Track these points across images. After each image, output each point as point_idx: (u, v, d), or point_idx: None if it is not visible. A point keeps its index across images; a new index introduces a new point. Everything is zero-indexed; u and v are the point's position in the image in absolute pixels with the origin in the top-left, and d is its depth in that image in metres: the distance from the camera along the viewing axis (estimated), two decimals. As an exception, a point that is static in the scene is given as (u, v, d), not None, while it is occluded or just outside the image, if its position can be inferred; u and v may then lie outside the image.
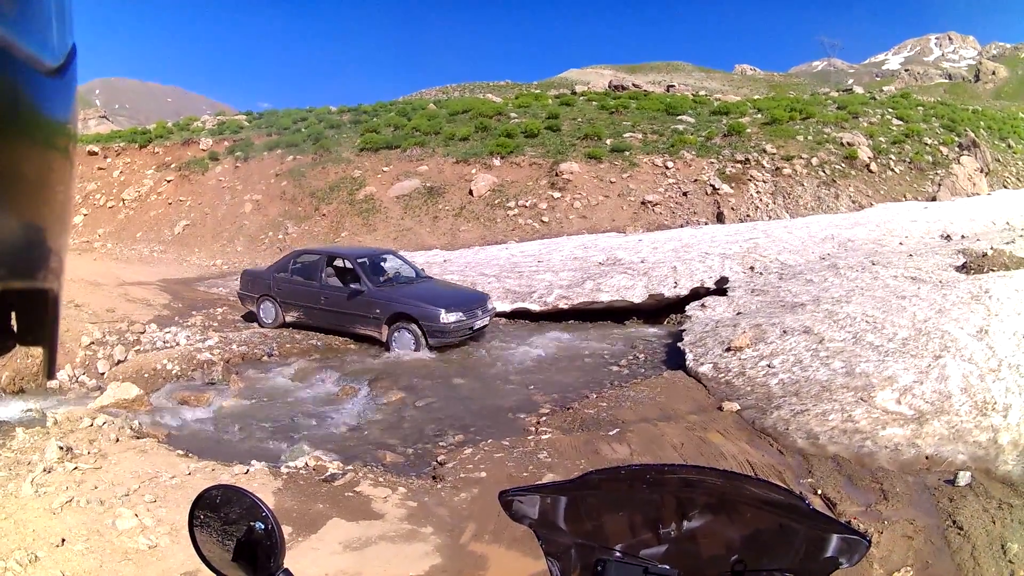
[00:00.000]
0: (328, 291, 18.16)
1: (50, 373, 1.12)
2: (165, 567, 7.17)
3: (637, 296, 20.42)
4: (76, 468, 9.52)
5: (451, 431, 12.23)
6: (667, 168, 37.34)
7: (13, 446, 10.36)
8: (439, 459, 10.74)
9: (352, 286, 17.82)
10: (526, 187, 36.27)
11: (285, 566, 2.06)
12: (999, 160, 48.67)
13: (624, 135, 40.95)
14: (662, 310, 20.54)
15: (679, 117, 45.02)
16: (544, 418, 12.47)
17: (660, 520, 2.13)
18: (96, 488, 8.92)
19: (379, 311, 17.25)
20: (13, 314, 0.98)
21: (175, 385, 14.58)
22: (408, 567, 7.46)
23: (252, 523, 2.09)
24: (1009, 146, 52.54)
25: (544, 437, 11.24)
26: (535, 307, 20.39)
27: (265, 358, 16.72)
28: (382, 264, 19.24)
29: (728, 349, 14.93)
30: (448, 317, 16.58)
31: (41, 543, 7.44)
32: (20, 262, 0.83)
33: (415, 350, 16.74)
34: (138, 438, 11.16)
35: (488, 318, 18.00)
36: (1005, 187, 45.55)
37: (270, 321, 19.03)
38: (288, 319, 18.89)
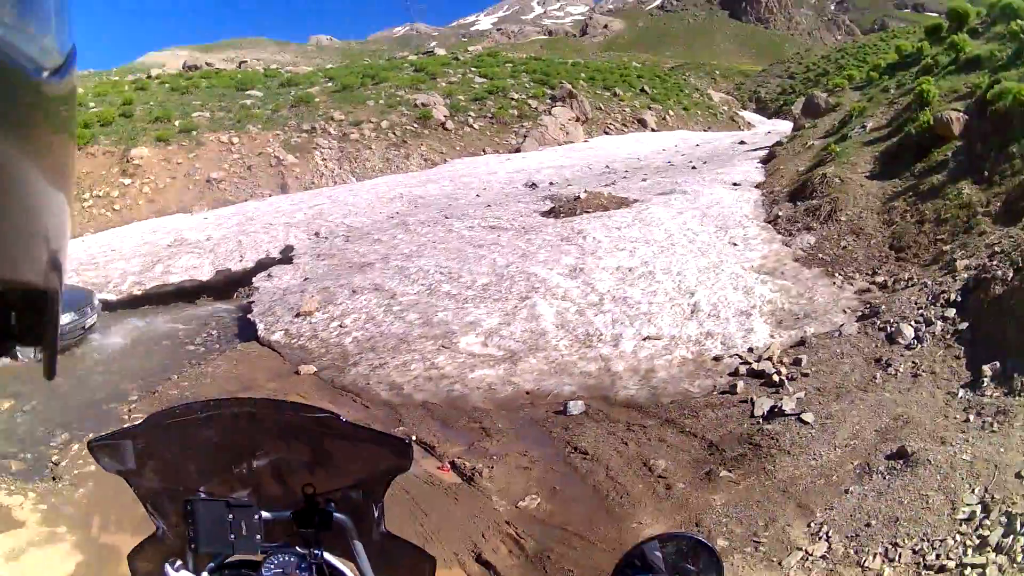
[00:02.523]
0: None
1: (50, 373, 1.12)
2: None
3: (205, 274, 20.81)
4: None
5: (58, 430, 12.12)
6: (233, 144, 37.66)
7: None
8: (53, 459, 10.92)
9: None
10: (99, 177, 35.07)
11: None
12: (601, 108, 51.23)
13: (193, 115, 40.79)
14: (231, 285, 20.68)
15: (248, 92, 45.57)
16: (134, 405, 12.75)
17: (232, 457, 2.30)
18: None
19: None
20: (13, 314, 0.98)
21: None
22: (59, 569, 7.67)
23: None
24: (615, 94, 55.03)
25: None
26: (113, 297, 20.06)
27: None
28: None
29: (298, 315, 15.38)
30: (61, 319, 15.25)
31: None
32: (20, 262, 0.82)
33: (31, 357, 15.38)
34: None
35: (96, 315, 17.04)
36: (607, 133, 47.99)
37: None
38: None
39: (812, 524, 7.32)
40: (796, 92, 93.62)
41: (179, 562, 2.10)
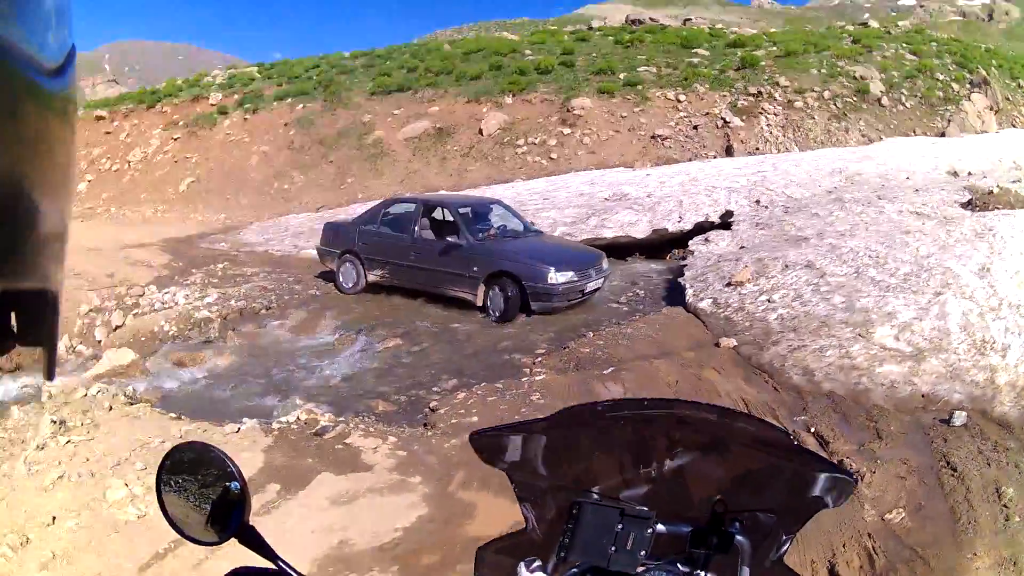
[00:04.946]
0: (420, 245, 15.97)
1: (50, 374, 1.12)
2: (154, 536, 6.99)
3: (640, 232, 20.38)
4: (69, 441, 9.36)
5: (445, 376, 12.03)
6: (679, 102, 37.05)
7: (8, 425, 10.15)
8: (431, 405, 10.58)
9: (448, 239, 15.59)
10: (536, 124, 35.94)
11: (250, 523, 2.00)
12: (1008, 99, 48.30)
13: (638, 69, 40.54)
14: (664, 245, 20.45)
15: (694, 51, 44.54)
16: (539, 359, 12.31)
17: (640, 459, 2.11)
18: (88, 460, 8.78)
19: (476, 268, 14.96)
20: (13, 314, 0.99)
21: (172, 346, 14.39)
22: (396, 519, 7.36)
23: (227, 484, 2.02)
24: (1020, 85, 52.14)
25: (538, 378, 11.15)
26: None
27: (263, 312, 16.26)
28: (487, 215, 16.97)
29: (729, 284, 14.86)
30: (557, 277, 14.31)
31: (33, 524, 7.32)
32: (20, 262, 0.84)
33: (513, 316, 14.67)
34: (131, 404, 10.98)
35: (603, 279, 15.58)
36: (1014, 126, 45.21)
37: (350, 285, 17.09)
38: (371, 278, 16.79)
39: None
40: None
41: (537, 563, 1.95)
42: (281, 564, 1.94)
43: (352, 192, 33.04)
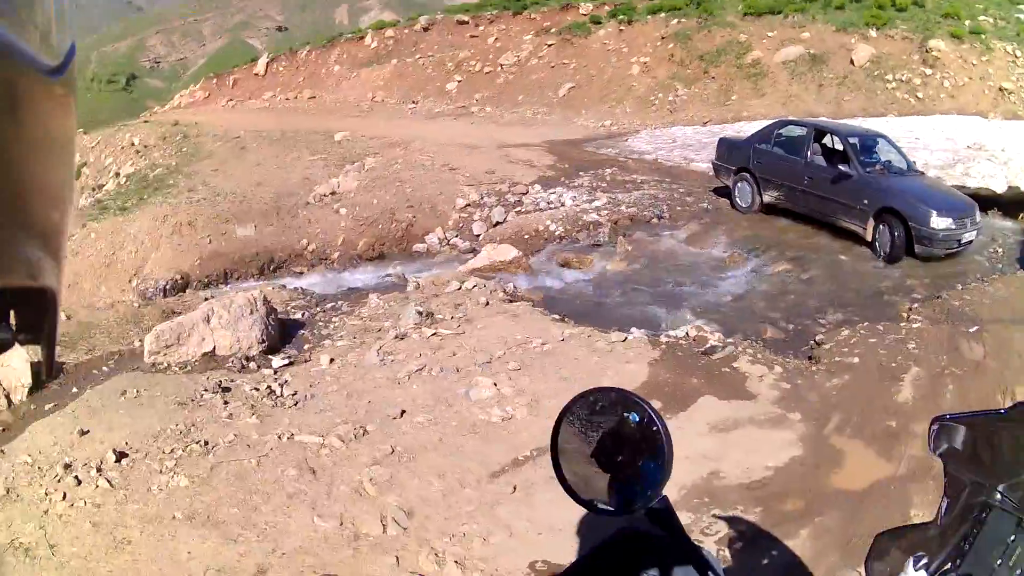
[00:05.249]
0: (812, 171, 15.65)
1: (48, 372, 1.15)
2: (515, 442, 7.06)
3: (998, 186, 19.23)
4: (435, 334, 9.52)
5: (831, 308, 11.98)
6: (1016, 57, 34.87)
7: (363, 313, 10.48)
8: (817, 338, 10.55)
9: (840, 167, 15.13)
10: (900, 61, 34.53)
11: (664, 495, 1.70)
12: None
13: (978, 17, 38.23)
14: (1014, 204, 19.38)
15: (1018, 6, 41.14)
16: (916, 305, 12.04)
17: None
18: (454, 355, 8.89)
19: (867, 202, 14.55)
20: (12, 313, 1.00)
21: (557, 247, 14.58)
22: (769, 456, 7.29)
23: (644, 444, 1.74)
24: None
25: (914, 326, 10.86)
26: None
27: (655, 220, 16.32)
28: (873, 148, 16.14)
29: None
30: (939, 222, 13.82)
31: (375, 416, 7.49)
32: (19, 260, 0.86)
33: (900, 256, 14.20)
34: (511, 302, 11.14)
35: (976, 232, 14.85)
36: None
37: (745, 205, 17.01)
38: (766, 199, 16.64)
39: None
40: None
41: (924, 560, 1.89)
42: (684, 541, 1.68)
43: (735, 110, 32.76)
